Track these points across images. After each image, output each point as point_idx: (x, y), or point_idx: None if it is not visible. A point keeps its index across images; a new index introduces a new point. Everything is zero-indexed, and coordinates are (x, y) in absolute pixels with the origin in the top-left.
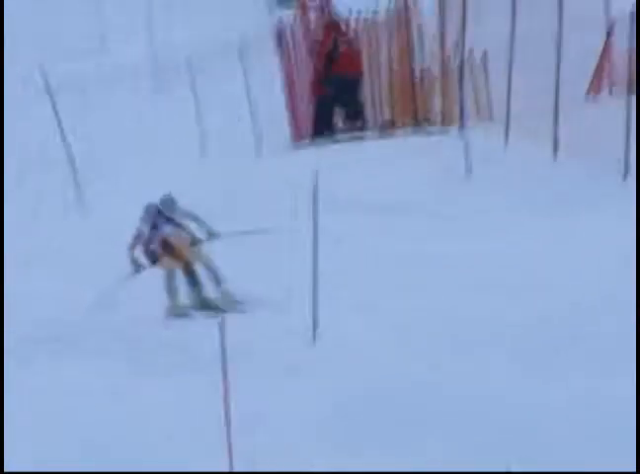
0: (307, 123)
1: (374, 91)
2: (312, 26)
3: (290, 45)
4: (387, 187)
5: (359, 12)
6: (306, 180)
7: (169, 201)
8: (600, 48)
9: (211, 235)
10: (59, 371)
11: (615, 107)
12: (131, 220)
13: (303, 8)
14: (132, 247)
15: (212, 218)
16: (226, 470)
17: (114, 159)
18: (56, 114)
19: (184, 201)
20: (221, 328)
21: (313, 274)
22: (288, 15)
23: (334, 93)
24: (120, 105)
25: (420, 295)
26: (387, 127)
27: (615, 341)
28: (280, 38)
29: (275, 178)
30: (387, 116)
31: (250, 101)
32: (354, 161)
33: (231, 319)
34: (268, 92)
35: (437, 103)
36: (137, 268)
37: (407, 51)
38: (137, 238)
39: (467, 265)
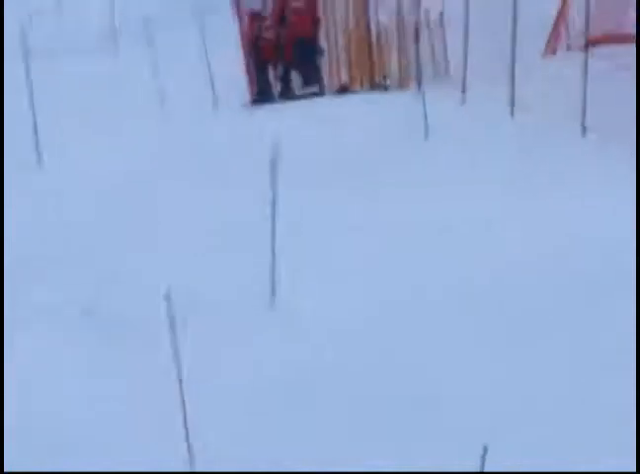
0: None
1: (331, 53)
2: None
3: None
4: (345, 147)
5: None
6: (264, 141)
7: None
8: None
9: None
10: None
11: (573, 65)
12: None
13: None
14: None
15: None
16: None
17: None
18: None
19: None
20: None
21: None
22: None
23: (289, 58)
24: (81, 68)
25: (382, 262)
26: (344, 91)
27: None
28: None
29: (232, 137)
30: (344, 78)
31: (208, 63)
32: (311, 121)
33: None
34: (225, 54)
35: (394, 62)
36: None
37: (363, 9)
38: None
39: (432, 229)
